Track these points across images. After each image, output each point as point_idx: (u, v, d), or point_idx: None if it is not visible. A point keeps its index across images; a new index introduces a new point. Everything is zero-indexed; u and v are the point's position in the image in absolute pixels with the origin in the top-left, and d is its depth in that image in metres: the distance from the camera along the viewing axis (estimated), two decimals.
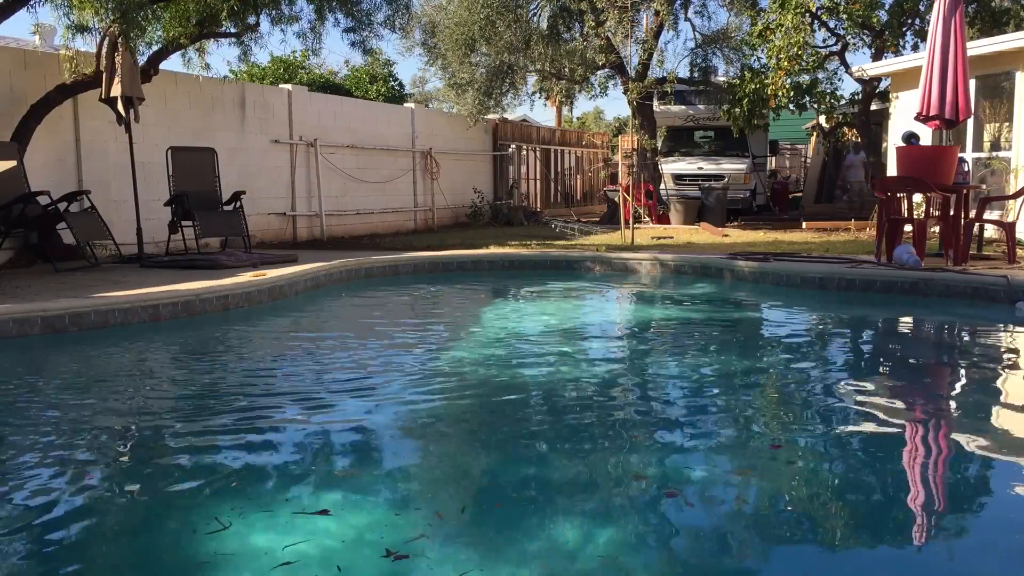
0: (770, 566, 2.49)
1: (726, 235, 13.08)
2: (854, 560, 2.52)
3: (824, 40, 15.15)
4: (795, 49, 13.38)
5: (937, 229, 9.36)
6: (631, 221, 12.00)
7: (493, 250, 10.60)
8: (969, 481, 3.17)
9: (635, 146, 16.41)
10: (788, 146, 25.14)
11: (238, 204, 9.83)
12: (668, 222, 15.78)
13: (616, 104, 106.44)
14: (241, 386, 4.66)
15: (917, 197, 9.88)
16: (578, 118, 45.68)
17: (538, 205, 20.60)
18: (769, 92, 13.91)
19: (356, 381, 4.71)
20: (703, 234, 13.46)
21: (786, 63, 13.41)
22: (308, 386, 4.52)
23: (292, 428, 3.78)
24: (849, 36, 14.93)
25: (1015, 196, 8.91)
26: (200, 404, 4.24)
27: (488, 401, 4.30)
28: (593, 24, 14.93)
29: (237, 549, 2.53)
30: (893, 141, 12.50)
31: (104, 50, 8.65)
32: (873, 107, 16.16)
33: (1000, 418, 3.93)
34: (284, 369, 5.02)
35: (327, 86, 21.33)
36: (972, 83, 9.46)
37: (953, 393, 4.56)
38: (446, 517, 2.79)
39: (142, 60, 9.31)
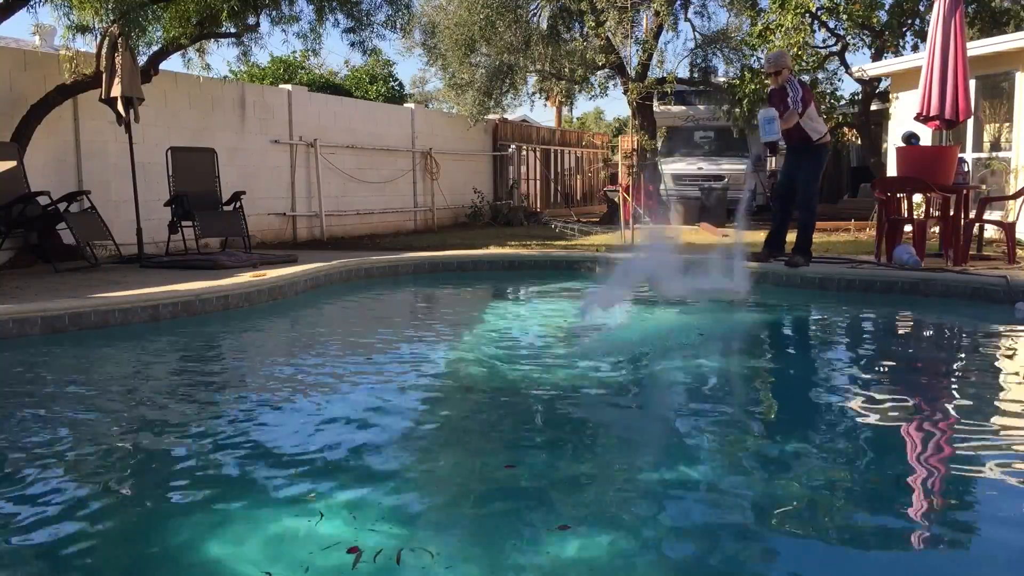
0: (770, 565, 2.49)
1: (726, 235, 13.07)
2: (853, 559, 2.52)
3: (824, 40, 15.19)
4: (795, 49, 13.39)
5: (937, 229, 9.37)
6: (631, 221, 12.01)
7: (493, 250, 10.60)
8: (967, 481, 3.17)
9: (635, 146, 16.42)
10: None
11: (238, 204, 9.83)
12: (668, 222, 15.78)
13: (616, 104, 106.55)
14: (240, 386, 4.67)
15: (917, 197, 9.88)
16: (578, 118, 45.73)
17: (538, 205, 20.60)
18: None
19: (355, 381, 4.71)
20: (703, 234, 13.45)
21: None
22: (307, 386, 4.52)
23: (292, 428, 3.78)
24: (849, 36, 14.96)
25: (1015, 196, 8.91)
26: (199, 404, 4.24)
27: (488, 401, 4.30)
28: (593, 24, 14.94)
29: (233, 549, 2.54)
30: (893, 141, 12.51)
31: (104, 50, 8.64)
32: (873, 107, 16.19)
33: (999, 419, 3.93)
34: (283, 369, 5.02)
35: (327, 86, 21.35)
36: (972, 83, 9.46)
37: (952, 394, 4.56)
38: (445, 518, 2.79)
39: (142, 60, 9.31)
